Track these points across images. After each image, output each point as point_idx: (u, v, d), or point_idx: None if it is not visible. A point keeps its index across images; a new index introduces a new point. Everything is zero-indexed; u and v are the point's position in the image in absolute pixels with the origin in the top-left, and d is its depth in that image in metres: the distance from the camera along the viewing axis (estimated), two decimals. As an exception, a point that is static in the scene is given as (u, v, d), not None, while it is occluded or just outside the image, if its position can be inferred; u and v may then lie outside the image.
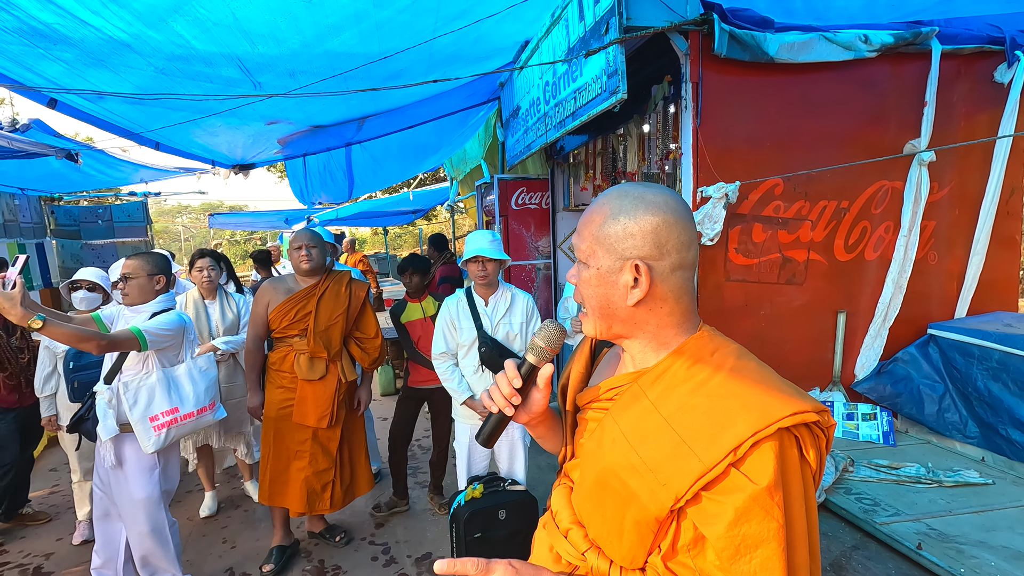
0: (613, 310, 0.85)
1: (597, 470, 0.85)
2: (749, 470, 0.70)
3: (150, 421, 2.30)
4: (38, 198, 7.25)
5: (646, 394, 0.82)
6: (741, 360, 0.81)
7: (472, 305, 2.76)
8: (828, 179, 2.62)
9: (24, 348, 3.28)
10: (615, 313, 0.85)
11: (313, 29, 2.21)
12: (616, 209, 0.83)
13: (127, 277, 2.38)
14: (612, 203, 0.84)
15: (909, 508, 1.75)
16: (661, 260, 0.82)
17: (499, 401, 0.92)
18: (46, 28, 1.95)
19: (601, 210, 0.85)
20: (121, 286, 2.38)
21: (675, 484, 0.73)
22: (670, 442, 0.76)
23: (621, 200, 0.84)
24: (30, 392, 3.19)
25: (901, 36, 2.52)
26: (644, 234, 0.81)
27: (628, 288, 0.83)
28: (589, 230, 0.86)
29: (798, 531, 0.71)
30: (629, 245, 0.82)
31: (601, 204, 0.86)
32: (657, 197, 0.83)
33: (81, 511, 3.27)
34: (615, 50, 2.36)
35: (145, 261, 2.43)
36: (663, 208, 0.82)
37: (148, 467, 2.41)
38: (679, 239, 0.82)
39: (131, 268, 2.39)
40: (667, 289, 0.83)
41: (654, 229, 0.81)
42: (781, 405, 0.72)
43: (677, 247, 0.82)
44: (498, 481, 2.75)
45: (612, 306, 0.85)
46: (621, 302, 0.84)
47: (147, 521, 2.41)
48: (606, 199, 0.86)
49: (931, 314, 2.80)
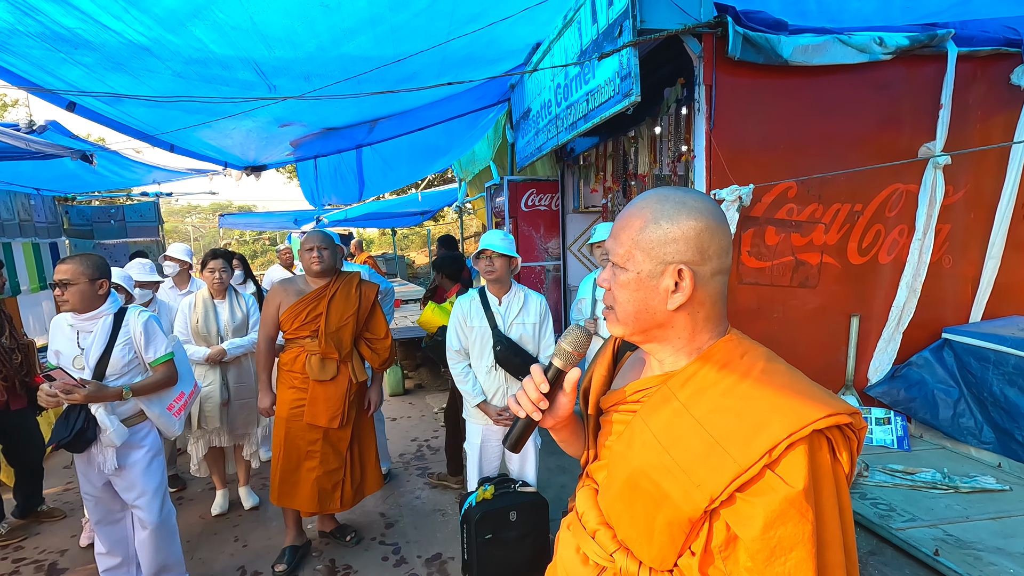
0: (651, 314, 0.86)
1: (627, 471, 0.86)
2: (784, 472, 0.71)
3: (168, 410, 2.34)
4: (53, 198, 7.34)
5: (676, 396, 0.83)
6: (771, 363, 0.82)
7: (485, 304, 2.76)
8: (842, 182, 2.61)
9: (15, 349, 3.22)
10: (652, 317, 0.86)
11: (329, 33, 2.23)
12: (657, 213, 0.84)
13: (65, 283, 2.14)
14: (652, 207, 0.85)
15: (925, 514, 1.74)
16: (703, 265, 0.83)
17: (527, 406, 0.93)
18: (68, 33, 1.97)
19: (641, 214, 0.85)
20: (58, 293, 2.17)
21: (710, 485, 0.74)
22: (703, 443, 0.77)
23: (662, 204, 0.84)
24: (24, 394, 3.19)
25: (916, 38, 2.50)
26: (687, 239, 0.82)
27: (668, 293, 0.83)
28: (628, 234, 0.86)
29: (831, 532, 0.72)
30: (671, 250, 0.82)
31: (640, 208, 0.86)
32: (698, 202, 0.83)
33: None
34: (629, 52, 2.36)
35: (85, 265, 2.17)
36: (705, 213, 0.83)
37: (153, 456, 2.45)
38: (720, 244, 0.83)
39: (69, 273, 2.14)
40: (706, 294, 0.84)
41: (697, 234, 0.82)
42: (815, 407, 0.73)
43: (718, 252, 0.83)
44: (509, 482, 2.76)
45: (649, 310, 0.85)
46: (660, 306, 0.84)
47: (160, 511, 2.46)
48: (645, 203, 0.86)
49: (945, 318, 2.78)
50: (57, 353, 2.30)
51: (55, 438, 2.24)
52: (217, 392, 3.33)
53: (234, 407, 3.44)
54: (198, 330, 3.33)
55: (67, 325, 2.28)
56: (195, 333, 3.33)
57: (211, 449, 3.50)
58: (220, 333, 3.40)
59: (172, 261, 3.96)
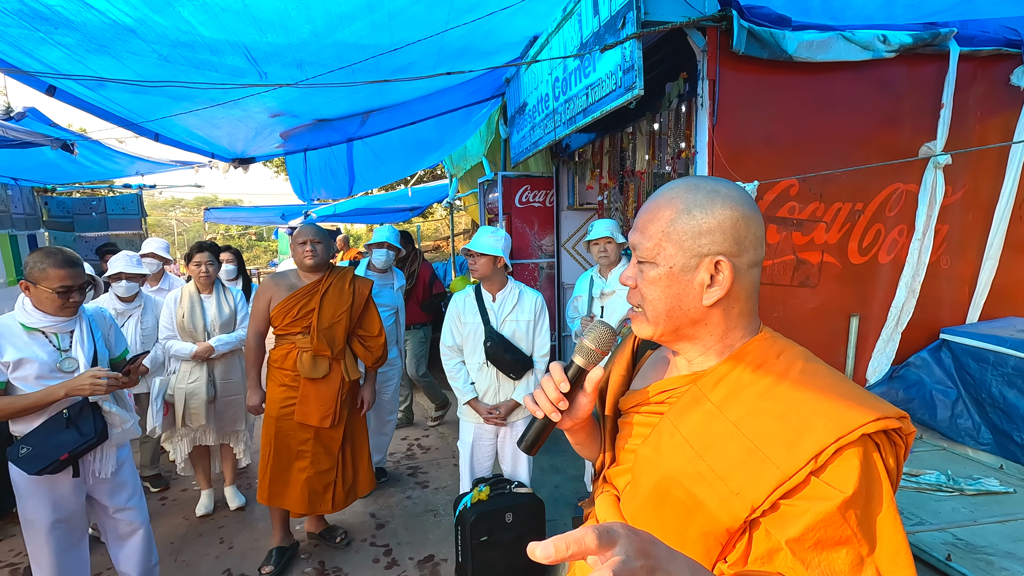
0: (684, 311, 0.80)
1: (656, 478, 0.80)
2: (831, 478, 0.66)
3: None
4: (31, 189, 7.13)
5: (708, 398, 0.78)
6: (810, 363, 0.77)
7: (480, 300, 2.72)
8: (843, 180, 2.58)
9: None
10: (686, 314, 0.80)
11: (324, 18, 2.15)
12: (689, 203, 0.78)
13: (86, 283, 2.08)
14: (682, 196, 0.79)
15: (933, 517, 1.71)
16: (740, 256, 0.78)
17: (545, 406, 0.87)
18: (48, 11, 1.87)
19: (671, 204, 0.80)
20: (76, 299, 2.06)
21: (750, 493, 0.69)
22: (741, 449, 0.71)
23: (693, 193, 0.79)
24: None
25: (920, 37, 2.48)
26: (724, 229, 0.77)
27: (704, 287, 0.78)
28: (656, 226, 0.80)
29: (889, 539, 0.66)
30: (707, 241, 0.77)
31: (668, 198, 0.81)
32: (731, 191, 0.79)
33: None
34: (632, 45, 2.31)
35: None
36: (739, 202, 0.78)
37: (129, 454, 2.36)
38: (756, 234, 0.78)
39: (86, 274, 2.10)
40: (741, 287, 0.79)
41: (733, 224, 0.77)
42: (862, 411, 0.68)
43: (754, 243, 0.78)
44: (504, 483, 2.71)
45: (683, 307, 0.80)
46: (695, 302, 0.79)
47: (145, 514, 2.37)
48: (673, 192, 0.81)
49: (943, 319, 2.77)
50: (19, 363, 1.99)
51: (73, 445, 2.02)
52: (203, 389, 3.22)
53: (221, 404, 3.34)
54: (184, 325, 3.22)
55: (28, 328, 2.03)
56: (181, 329, 3.22)
57: (196, 448, 3.40)
58: (207, 329, 3.30)
59: (155, 259, 3.82)
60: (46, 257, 2.01)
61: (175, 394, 3.21)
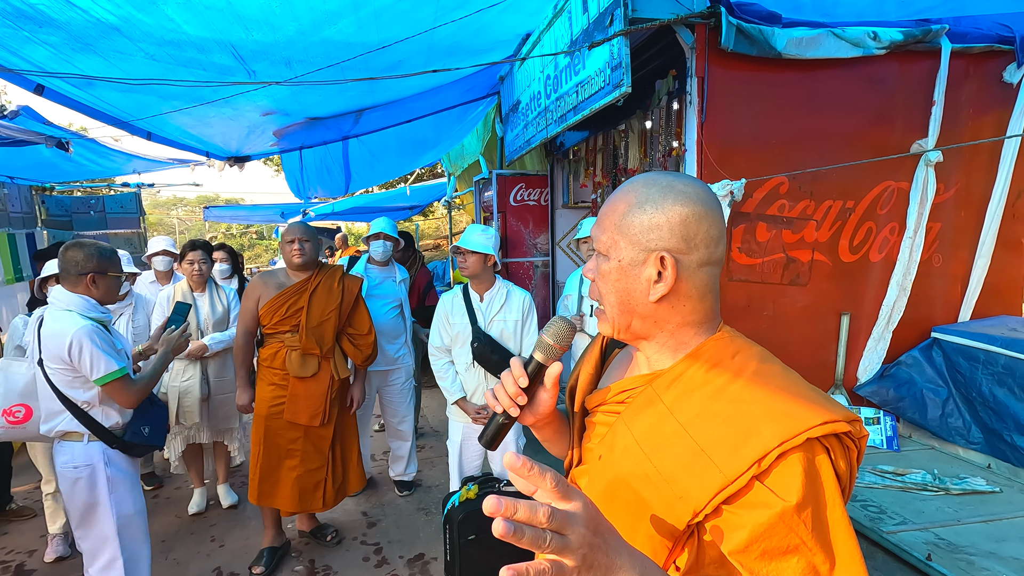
0: (633, 306, 0.80)
1: (607, 479, 0.80)
2: (775, 484, 0.65)
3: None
4: (29, 187, 7.14)
5: (661, 398, 0.77)
6: (765, 364, 0.75)
7: (467, 300, 2.71)
8: (834, 178, 2.57)
9: None
10: (635, 309, 0.80)
11: (309, 15, 2.14)
12: (642, 198, 0.78)
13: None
14: (638, 191, 0.79)
15: (916, 516, 1.71)
16: (688, 254, 0.76)
17: (504, 401, 0.87)
18: (30, 9, 1.87)
19: (626, 198, 0.79)
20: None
21: (693, 497, 0.68)
22: (688, 451, 0.70)
23: (648, 188, 0.78)
24: None
25: (911, 33, 2.47)
26: (672, 225, 0.76)
27: (651, 282, 0.77)
28: (611, 219, 0.80)
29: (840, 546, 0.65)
30: (655, 236, 0.76)
31: (626, 192, 0.80)
32: (687, 187, 0.77)
33: (54, 524, 3.00)
34: (619, 42, 2.30)
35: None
36: (693, 198, 0.76)
37: None
38: (708, 233, 0.76)
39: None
40: (692, 285, 0.78)
41: (682, 220, 0.75)
42: (810, 413, 0.66)
43: (706, 241, 0.77)
44: (493, 482, 2.70)
45: (632, 302, 0.80)
46: (642, 298, 0.78)
47: None
48: (631, 187, 0.80)
49: (935, 317, 2.76)
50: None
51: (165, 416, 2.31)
52: (197, 387, 3.23)
53: (214, 402, 3.35)
54: (176, 323, 3.22)
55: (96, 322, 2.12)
56: (173, 326, 3.22)
57: (189, 446, 3.40)
58: (200, 327, 3.30)
59: (167, 255, 3.73)
60: (99, 248, 2.11)
61: (168, 392, 3.21)
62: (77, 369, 2.01)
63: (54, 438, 2.11)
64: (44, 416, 2.09)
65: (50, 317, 2.06)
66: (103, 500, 2.11)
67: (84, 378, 2.04)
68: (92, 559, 2.13)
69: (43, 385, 2.07)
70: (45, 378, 2.05)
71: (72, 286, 2.08)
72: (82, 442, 2.09)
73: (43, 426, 2.09)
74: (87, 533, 2.12)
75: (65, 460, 2.08)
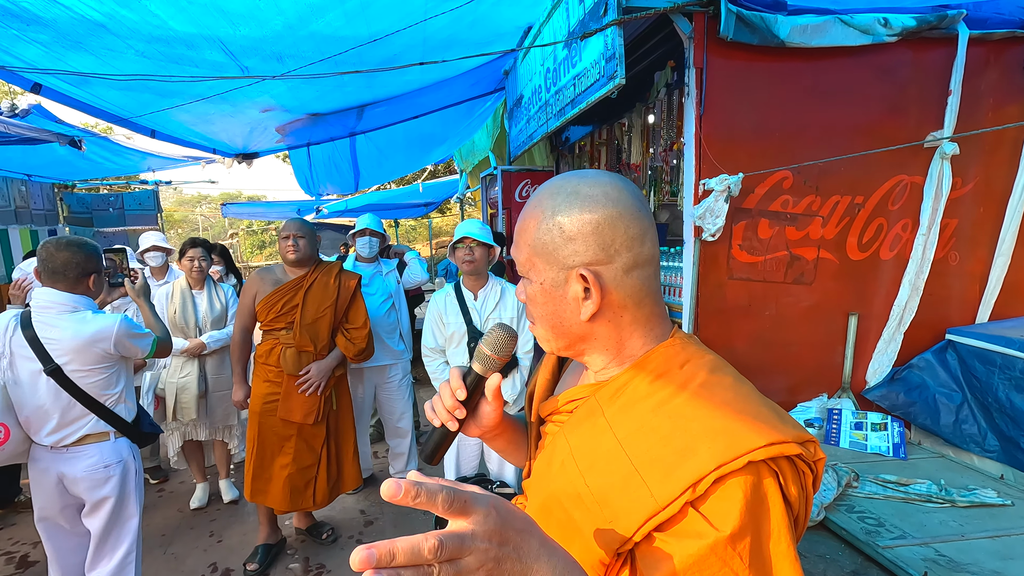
0: (567, 327, 0.73)
1: (543, 495, 0.74)
2: (710, 511, 0.58)
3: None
4: (52, 185, 7.31)
5: (603, 410, 0.71)
6: (714, 375, 0.68)
7: (461, 298, 2.66)
8: (841, 172, 2.46)
9: None
10: (569, 330, 0.73)
11: (294, 8, 2.11)
12: (549, 210, 0.71)
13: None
14: (543, 204, 0.72)
15: (917, 530, 1.61)
16: (610, 263, 0.69)
17: (441, 414, 0.81)
18: (15, 7, 1.87)
19: (534, 214, 0.73)
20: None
21: (623, 522, 0.61)
22: (622, 470, 0.64)
23: (554, 198, 0.71)
24: None
25: (924, 19, 2.34)
26: (584, 236, 0.69)
27: (579, 301, 0.71)
28: (524, 239, 0.74)
29: None
30: (569, 252, 0.69)
31: (534, 206, 0.73)
32: (594, 188, 0.70)
33: None
34: (613, 32, 2.22)
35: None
36: (602, 201, 0.69)
37: None
38: (627, 234, 0.69)
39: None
40: (624, 295, 0.71)
41: (595, 229, 0.68)
42: (754, 433, 0.59)
43: (626, 244, 0.69)
44: (487, 483, 2.66)
45: (564, 323, 0.73)
46: (574, 317, 0.72)
47: None
48: (538, 199, 0.73)
49: (950, 318, 2.63)
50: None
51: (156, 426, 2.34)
52: (194, 383, 3.24)
53: (212, 399, 3.36)
54: (175, 321, 3.25)
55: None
56: (172, 324, 3.25)
57: (188, 442, 3.42)
58: (198, 324, 3.31)
59: (158, 251, 3.85)
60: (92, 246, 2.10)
61: (166, 388, 3.24)
62: (121, 359, 2.05)
63: (58, 447, 2.02)
64: (55, 425, 2.00)
65: (68, 320, 1.97)
66: (132, 493, 2.16)
67: (117, 369, 2.08)
68: (113, 552, 2.15)
69: (53, 394, 1.97)
70: (62, 385, 1.98)
71: (71, 286, 2.02)
72: (110, 440, 2.10)
73: (53, 436, 2.00)
74: (115, 530, 2.14)
75: (93, 463, 2.05)
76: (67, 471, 2.04)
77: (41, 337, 1.97)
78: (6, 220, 6.15)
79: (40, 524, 2.11)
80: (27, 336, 1.97)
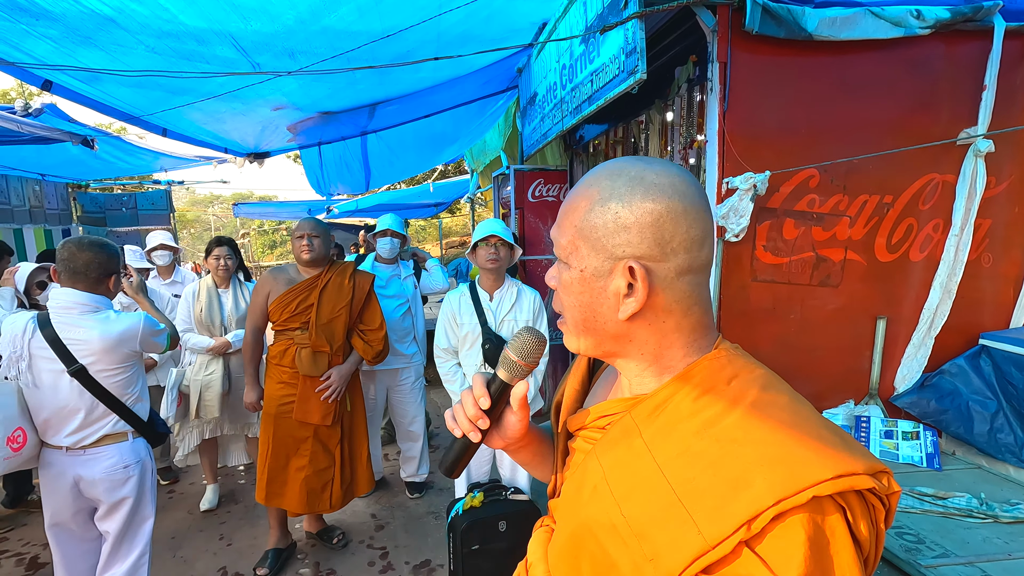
0: (600, 324, 0.66)
1: (574, 524, 0.67)
2: (768, 553, 0.51)
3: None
4: (65, 185, 7.35)
5: (640, 430, 0.63)
6: (767, 392, 0.60)
7: (476, 299, 2.60)
8: (870, 171, 2.37)
9: None
10: (603, 328, 0.66)
11: (306, 3, 2.06)
12: (606, 193, 0.63)
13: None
14: (602, 185, 0.65)
15: (960, 548, 1.52)
16: (664, 261, 0.62)
17: (463, 425, 0.75)
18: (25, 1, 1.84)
19: (587, 194, 0.65)
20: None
21: (666, 561, 0.54)
22: (663, 500, 0.57)
23: (613, 180, 0.64)
24: None
25: (959, 11, 2.25)
26: (642, 227, 0.62)
27: (620, 297, 0.64)
28: (571, 219, 0.67)
29: None
30: (622, 240, 0.62)
31: (588, 185, 0.66)
32: (661, 177, 0.63)
33: None
34: (634, 26, 2.15)
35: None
36: (668, 192, 0.62)
37: None
38: (688, 234, 0.62)
39: None
40: (672, 299, 0.64)
41: (655, 220, 0.61)
42: (818, 462, 0.52)
43: (686, 244, 0.62)
44: (500, 489, 2.59)
45: (599, 319, 0.66)
46: (611, 314, 0.65)
47: None
48: (594, 179, 0.66)
49: (983, 322, 2.53)
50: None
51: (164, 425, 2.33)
52: (219, 381, 3.23)
53: (235, 397, 3.34)
54: (201, 319, 3.25)
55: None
56: (198, 322, 3.25)
57: (204, 441, 3.39)
58: (223, 323, 3.30)
59: (166, 249, 3.84)
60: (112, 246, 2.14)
61: (191, 385, 3.22)
62: (143, 357, 2.11)
63: (75, 449, 1.99)
64: (77, 426, 1.98)
65: (93, 320, 1.96)
66: (148, 493, 2.16)
67: (137, 368, 2.12)
68: (128, 555, 2.13)
69: (76, 394, 1.96)
70: (86, 385, 1.96)
71: (92, 286, 2.01)
72: (128, 441, 2.09)
73: (73, 437, 1.98)
74: (130, 531, 2.13)
75: (112, 463, 2.04)
76: (85, 473, 2.01)
77: (64, 338, 1.95)
78: (21, 220, 6.20)
79: (51, 530, 2.08)
80: (47, 336, 1.94)
